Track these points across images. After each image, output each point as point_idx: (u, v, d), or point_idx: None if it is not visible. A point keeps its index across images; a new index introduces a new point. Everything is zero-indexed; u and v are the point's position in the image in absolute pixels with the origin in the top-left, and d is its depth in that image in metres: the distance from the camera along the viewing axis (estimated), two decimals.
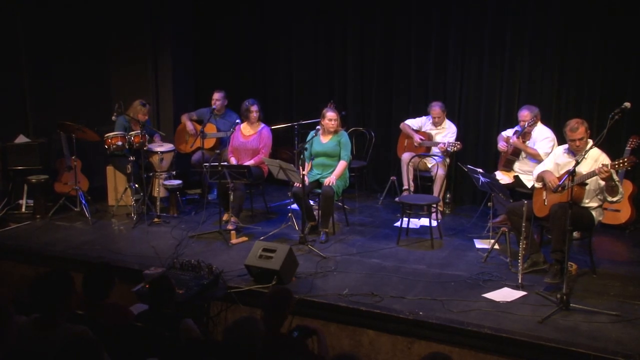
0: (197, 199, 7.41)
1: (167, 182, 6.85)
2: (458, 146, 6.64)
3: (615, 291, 4.84)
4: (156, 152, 6.93)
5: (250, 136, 6.70)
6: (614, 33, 6.52)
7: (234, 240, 5.95)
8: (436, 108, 6.91)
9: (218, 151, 6.52)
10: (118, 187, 7.15)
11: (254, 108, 6.67)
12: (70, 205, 6.96)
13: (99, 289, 3.79)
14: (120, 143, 6.71)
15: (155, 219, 6.60)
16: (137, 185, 6.78)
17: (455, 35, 7.32)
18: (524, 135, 6.19)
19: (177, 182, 6.90)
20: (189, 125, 7.47)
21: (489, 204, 6.04)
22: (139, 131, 6.71)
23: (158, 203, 6.74)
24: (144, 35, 8.01)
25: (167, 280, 3.85)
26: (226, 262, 5.32)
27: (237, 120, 6.83)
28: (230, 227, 6.11)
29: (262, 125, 6.76)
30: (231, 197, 6.08)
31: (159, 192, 6.81)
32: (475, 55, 7.27)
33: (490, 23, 7.13)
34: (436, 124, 6.97)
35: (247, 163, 6.49)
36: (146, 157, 6.80)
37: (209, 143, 7.19)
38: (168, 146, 7.16)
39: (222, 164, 6.02)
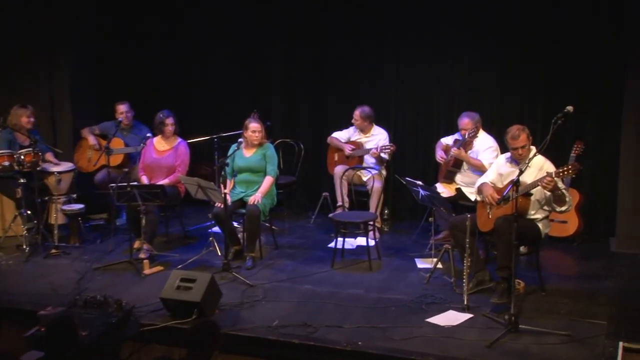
0: (103, 224, 7.26)
1: (66, 207, 6.69)
2: (392, 148, 6.76)
3: (565, 309, 5.03)
4: (52, 173, 6.76)
5: (166, 152, 6.62)
6: (557, 35, 6.84)
7: (147, 271, 5.85)
8: (355, 112, 7.06)
9: (126, 169, 6.41)
10: (5, 214, 6.87)
11: (170, 121, 6.60)
12: None
13: None
14: (7, 163, 6.46)
15: (53, 250, 6.40)
16: (29, 212, 6.55)
17: (389, 36, 7.51)
18: (466, 145, 6.36)
19: (79, 206, 6.74)
20: (92, 140, 7.30)
21: (430, 219, 6.17)
22: (31, 148, 6.49)
23: (56, 231, 6.56)
24: (37, 39, 7.75)
25: (67, 321, 3.72)
26: (138, 296, 5.22)
27: (149, 134, 6.74)
28: (142, 255, 6.00)
29: (179, 139, 6.70)
30: (143, 221, 5.97)
31: (56, 218, 6.65)
32: (411, 57, 7.47)
33: (427, 22, 7.35)
34: (362, 131, 7.10)
35: (161, 182, 6.40)
36: (40, 179, 6.60)
37: (116, 160, 7.05)
38: (66, 165, 6.99)
39: (131, 183, 5.92)
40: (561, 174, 4.76)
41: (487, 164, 6.12)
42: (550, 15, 6.83)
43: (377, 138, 7.06)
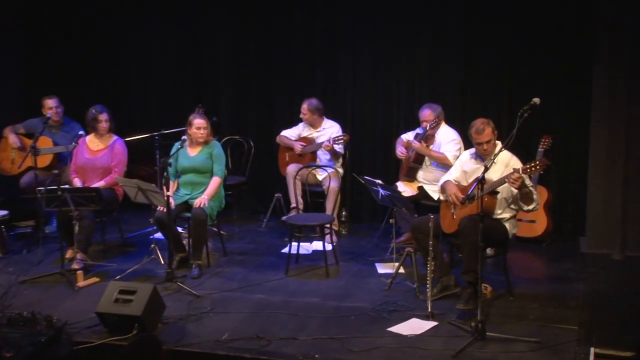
0: (31, 232, 7.14)
1: None
2: (345, 138, 6.85)
3: (534, 314, 5.12)
4: None
5: (100, 151, 6.55)
6: (520, 22, 6.97)
7: (81, 283, 5.76)
8: (303, 106, 7.12)
9: (56, 171, 6.31)
10: None
11: (103, 117, 6.52)
12: None
13: None
14: None
15: None
16: None
17: (344, 26, 7.56)
18: (427, 138, 6.43)
19: (2, 212, 6.66)
20: (13, 140, 7.17)
21: (391, 220, 6.20)
22: None
23: None
24: None
25: None
26: (71, 311, 5.13)
27: (81, 132, 6.68)
28: (75, 266, 5.89)
29: (114, 137, 6.64)
30: (76, 228, 5.87)
31: None
32: (368, 49, 7.53)
33: (384, 10, 7.40)
34: (312, 125, 7.15)
35: (96, 185, 6.34)
36: None
37: (44, 161, 6.93)
38: None
39: (62, 187, 5.82)
40: (529, 170, 4.84)
41: (450, 157, 6.21)
42: (515, 6, 6.94)
43: (329, 131, 7.11)
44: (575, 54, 6.83)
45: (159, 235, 6.33)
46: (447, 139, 6.40)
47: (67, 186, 6.02)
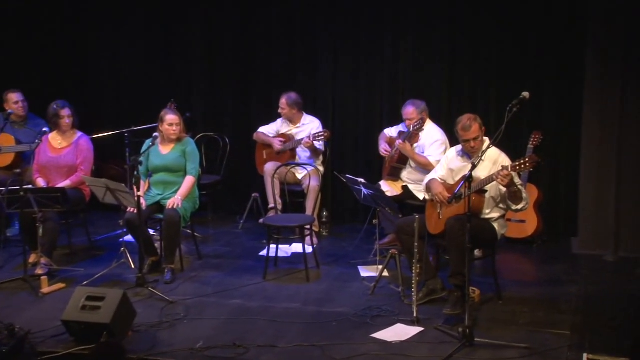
0: None
1: None
2: (326, 134, 6.86)
3: (524, 319, 5.14)
4: None
5: (63, 149, 6.53)
6: (509, 14, 7.00)
7: (45, 289, 5.72)
8: (281, 100, 7.13)
9: (18, 170, 6.22)
10: None
11: (65, 112, 6.49)
12: None
13: None
14: None
15: None
16: None
17: (323, 17, 7.57)
18: (411, 137, 6.42)
19: None
20: None
21: (374, 221, 6.22)
22: None
23: None
24: None
25: None
26: (35, 319, 5.09)
27: (45, 129, 6.60)
28: (39, 271, 5.88)
29: (79, 134, 6.62)
30: (40, 231, 5.84)
31: None
32: (349, 42, 7.53)
33: (366, 3, 7.40)
34: (291, 121, 7.15)
35: (61, 185, 6.30)
36: None
37: (5, 160, 6.91)
38: None
39: (25, 187, 5.78)
40: (518, 168, 4.84)
41: (434, 161, 6.20)
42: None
43: (309, 127, 7.12)
44: (566, 47, 6.87)
45: (129, 238, 6.29)
46: (431, 139, 6.40)
47: (30, 186, 5.99)
